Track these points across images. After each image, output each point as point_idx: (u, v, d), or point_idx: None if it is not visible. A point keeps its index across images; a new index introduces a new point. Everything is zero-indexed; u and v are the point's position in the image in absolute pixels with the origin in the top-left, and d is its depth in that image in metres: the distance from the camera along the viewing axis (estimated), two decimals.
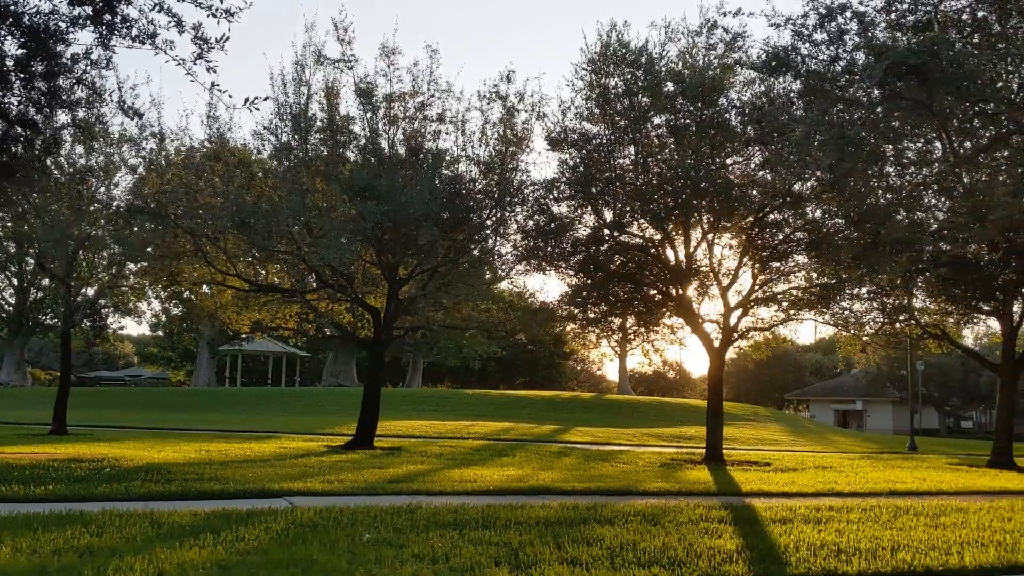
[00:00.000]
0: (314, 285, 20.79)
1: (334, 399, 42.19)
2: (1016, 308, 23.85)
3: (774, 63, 11.39)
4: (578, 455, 21.20)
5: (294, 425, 29.85)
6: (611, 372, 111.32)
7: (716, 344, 21.87)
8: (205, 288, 22.86)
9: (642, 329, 22.25)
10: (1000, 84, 9.92)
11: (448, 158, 20.14)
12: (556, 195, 20.69)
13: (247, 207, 18.65)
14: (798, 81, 12.44)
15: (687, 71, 19.03)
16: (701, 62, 18.79)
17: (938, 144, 18.09)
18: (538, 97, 20.30)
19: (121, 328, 53.11)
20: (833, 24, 10.37)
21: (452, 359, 65.90)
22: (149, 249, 21.09)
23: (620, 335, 24.03)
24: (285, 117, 19.22)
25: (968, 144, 12.77)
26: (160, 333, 65.48)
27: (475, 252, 18.77)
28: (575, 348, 78.93)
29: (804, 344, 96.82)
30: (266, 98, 8.49)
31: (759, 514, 10.68)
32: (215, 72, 7.59)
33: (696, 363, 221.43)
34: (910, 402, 34.79)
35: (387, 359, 67.06)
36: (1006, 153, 12.87)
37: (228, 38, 7.11)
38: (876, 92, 10.32)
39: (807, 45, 10.82)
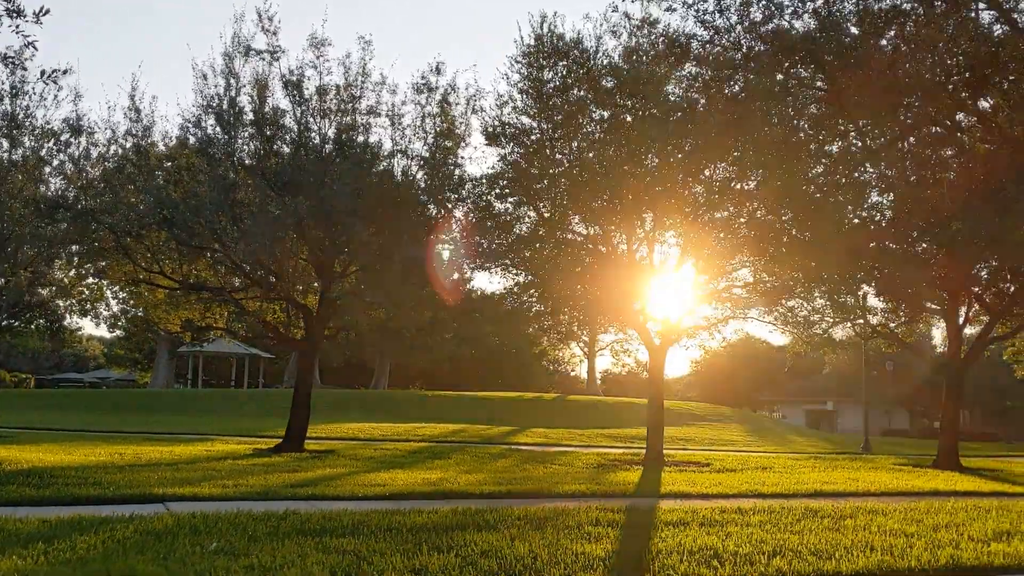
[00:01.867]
0: (242, 283, 20.23)
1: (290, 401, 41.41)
2: (962, 308, 23.63)
3: (677, 50, 10.98)
4: (518, 457, 20.77)
5: (240, 427, 29.22)
6: (585, 373, 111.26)
7: (657, 343, 21.49)
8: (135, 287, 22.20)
9: (583, 329, 21.82)
10: (908, 70, 9.55)
11: (381, 152, 19.67)
12: (498, 191, 20.24)
13: (168, 201, 18.08)
14: (706, 69, 12.05)
15: (626, 65, 18.64)
16: (639, 54, 18.37)
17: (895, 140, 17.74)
18: (474, 90, 19.88)
19: (78, 329, 52.12)
20: (732, 10, 10.02)
21: (421, 360, 65.40)
22: (75, 247, 20.48)
23: (561, 334, 23.62)
24: (208, 110, 18.64)
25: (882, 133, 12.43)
26: (118, 334, 64.47)
27: (411, 249, 18.22)
28: (546, 349, 78.66)
29: (778, 344, 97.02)
30: (65, 71, 7.95)
31: (657, 517, 10.28)
32: (35, 48, 7.04)
33: (671, 364, 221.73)
34: (864, 402, 34.68)
35: (354, 360, 66.84)
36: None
37: (47, 11, 6.57)
38: (779, 77, 9.98)
39: (708, 31, 10.44)
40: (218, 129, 18.57)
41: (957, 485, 16.88)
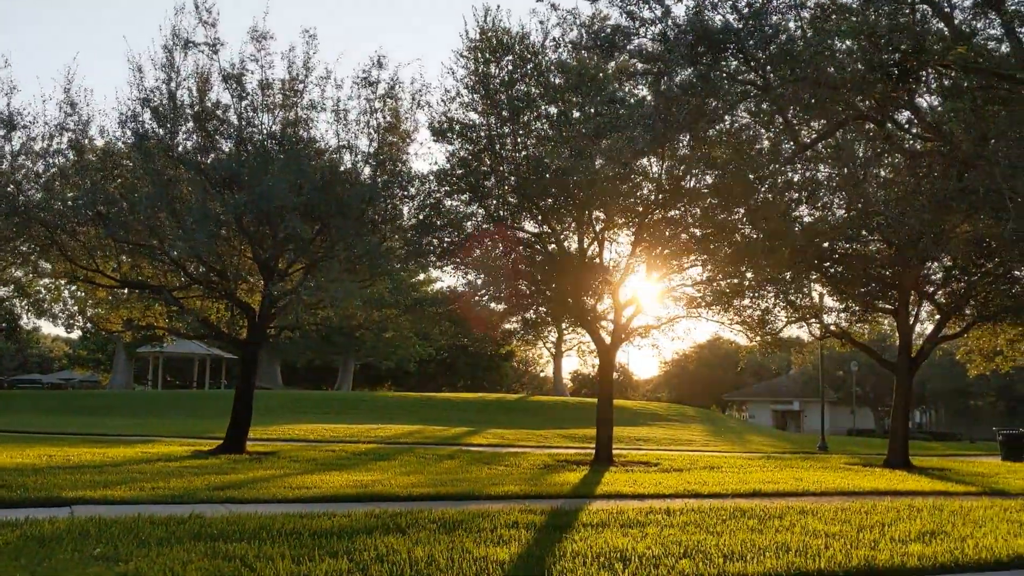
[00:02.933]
0: (183, 281, 19.78)
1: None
2: (913, 307, 23.67)
3: (606, 45, 10.77)
4: (466, 458, 20.46)
5: (192, 429, 28.68)
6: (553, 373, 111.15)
7: (608, 342, 21.32)
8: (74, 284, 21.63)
9: (530, 330, 21.62)
10: (835, 63, 9.36)
11: (324, 147, 19.31)
12: (447, 188, 19.94)
13: (104, 197, 17.62)
14: (637, 62, 11.84)
15: (572, 59, 18.42)
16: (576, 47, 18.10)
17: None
18: (420, 85, 19.60)
19: (35, 329, 51.05)
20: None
21: (386, 361, 64.88)
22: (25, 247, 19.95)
23: (518, 334, 23.40)
24: (145, 104, 18.18)
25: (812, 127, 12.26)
26: (75, 335, 63.44)
27: (355, 247, 17.86)
28: (514, 350, 78.42)
29: (746, 345, 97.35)
30: None
31: (579, 518, 10.04)
32: None
33: (641, 365, 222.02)
34: (822, 401, 34.74)
35: (317, 362, 66.21)
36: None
37: None
38: (689, 70, 9.79)
39: (635, 23, 10.21)
40: (155, 124, 18.10)
41: (900, 484, 16.82)
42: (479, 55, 18.85)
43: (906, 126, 13.25)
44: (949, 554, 8.39)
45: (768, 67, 9.71)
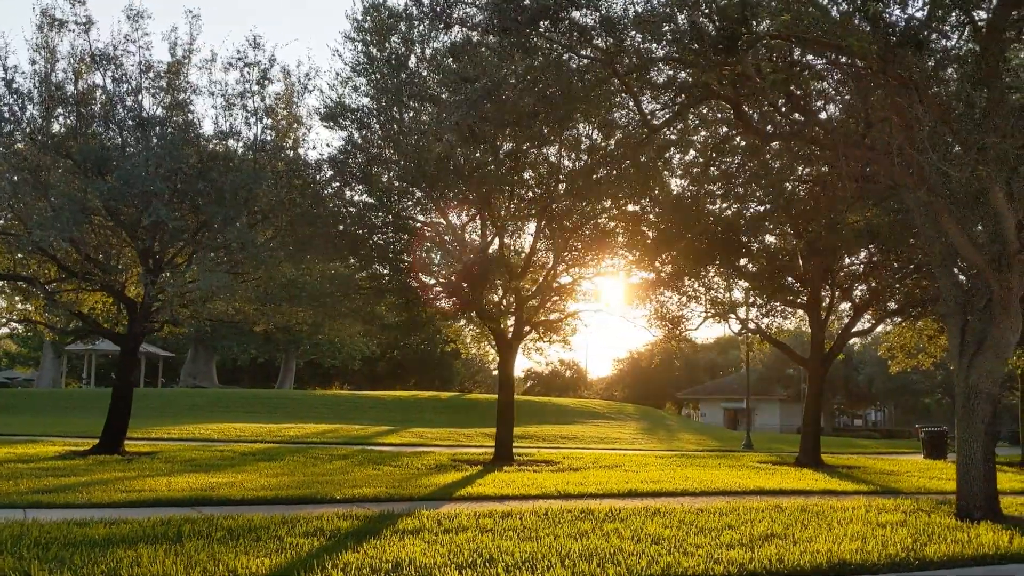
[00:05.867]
0: (60, 273, 18.75)
1: (170, 401, 39.67)
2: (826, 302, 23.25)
3: (432, 16, 10.05)
4: (360, 458, 19.67)
5: (92, 428, 27.48)
6: (515, 371, 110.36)
7: (508, 337, 20.64)
8: None
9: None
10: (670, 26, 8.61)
11: (203, 132, 18.40)
12: (331, 175, 19.10)
13: None
14: (475, 33, 11.13)
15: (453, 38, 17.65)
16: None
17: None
18: (308, 68, 18.74)
19: None
20: None
21: (331, 360, 63.66)
22: None
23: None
24: (8, 84, 17.14)
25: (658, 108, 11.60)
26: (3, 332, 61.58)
27: (227, 236, 16.97)
28: (459, 348, 77.52)
29: (702, 343, 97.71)
30: None
31: (398, 524, 9.30)
32: None
33: (597, 364, 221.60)
34: (747, 399, 34.44)
35: (260, 359, 64.76)
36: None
37: None
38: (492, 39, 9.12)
39: None
40: (16, 105, 17.07)
41: (791, 483, 16.30)
42: (371, 37, 18.06)
43: (783, 109, 12.65)
44: (767, 560, 7.78)
45: (594, 37, 9.05)
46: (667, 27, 8.51)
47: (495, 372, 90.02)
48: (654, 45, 8.75)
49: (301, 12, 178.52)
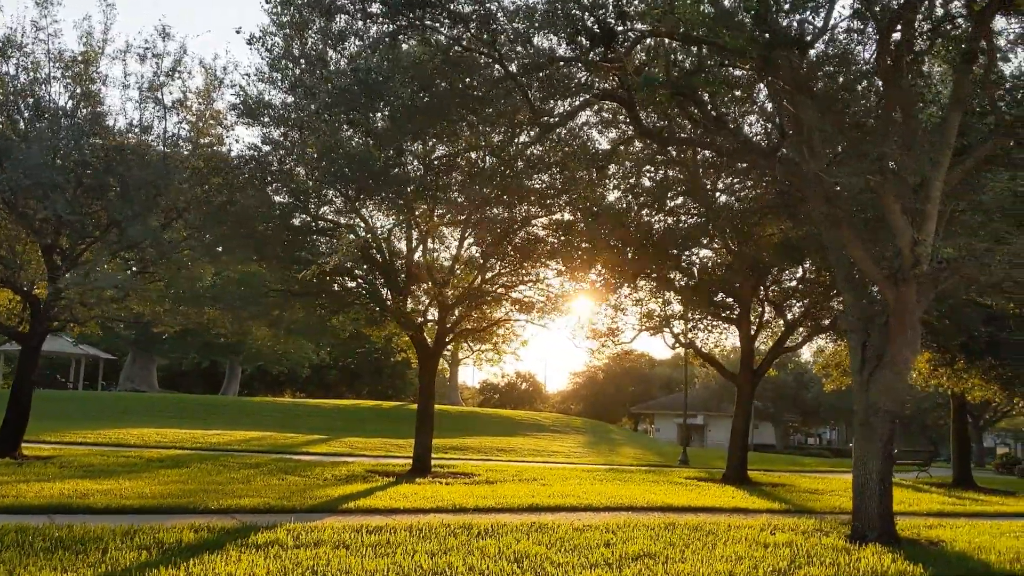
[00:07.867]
0: None
1: (104, 404, 38.52)
2: (754, 317, 23.07)
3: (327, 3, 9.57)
4: (272, 467, 18.98)
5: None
6: (469, 382, 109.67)
7: (430, 345, 20.12)
8: None
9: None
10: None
11: (113, 124, 17.72)
12: (246, 175, 18.44)
13: None
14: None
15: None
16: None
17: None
18: (225, 62, 18.12)
19: None
20: None
21: (277, 366, 62.56)
22: None
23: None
24: None
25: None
26: None
27: (130, 231, 16.26)
28: (408, 357, 76.61)
29: (658, 358, 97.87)
30: None
31: (250, 538, 8.74)
32: None
33: (554, 379, 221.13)
34: (684, 415, 34.19)
35: (204, 364, 63.43)
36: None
37: None
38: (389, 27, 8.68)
39: None
40: None
41: (705, 500, 15.95)
42: (286, 30, 17.48)
43: (696, 116, 12.32)
44: None
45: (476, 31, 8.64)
46: (538, 17, 8.10)
47: (448, 383, 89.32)
48: (536, 38, 8.36)
49: (223, 4, 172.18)
